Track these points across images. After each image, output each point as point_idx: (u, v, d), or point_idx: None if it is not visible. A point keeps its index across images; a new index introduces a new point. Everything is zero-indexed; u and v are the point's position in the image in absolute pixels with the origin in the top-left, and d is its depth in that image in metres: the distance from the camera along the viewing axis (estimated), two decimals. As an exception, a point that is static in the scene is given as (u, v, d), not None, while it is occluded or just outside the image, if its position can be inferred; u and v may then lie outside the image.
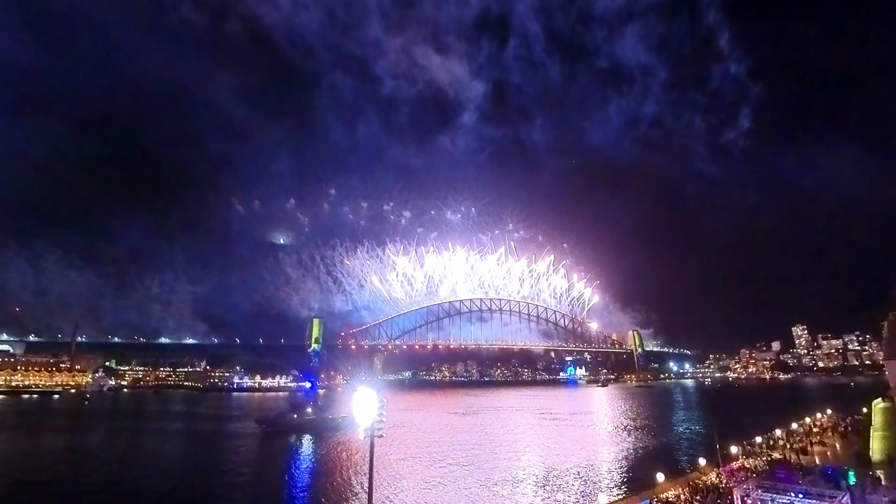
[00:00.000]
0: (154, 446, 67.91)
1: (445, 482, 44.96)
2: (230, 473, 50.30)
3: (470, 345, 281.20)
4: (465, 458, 55.89)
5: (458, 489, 42.66)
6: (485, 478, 46.05)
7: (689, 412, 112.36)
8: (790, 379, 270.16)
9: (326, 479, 46.99)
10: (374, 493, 24.39)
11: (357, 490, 42.26)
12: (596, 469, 49.45)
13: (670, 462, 50.46)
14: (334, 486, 44.06)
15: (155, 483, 46.56)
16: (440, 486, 43.57)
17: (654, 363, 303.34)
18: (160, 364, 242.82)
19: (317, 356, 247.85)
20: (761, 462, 40.34)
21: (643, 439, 70.13)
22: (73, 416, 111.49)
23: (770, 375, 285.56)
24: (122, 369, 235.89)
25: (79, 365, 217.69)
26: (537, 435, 74.77)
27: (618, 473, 47.78)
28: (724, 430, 51.27)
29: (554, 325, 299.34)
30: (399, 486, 43.21)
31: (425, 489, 42.63)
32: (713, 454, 41.09)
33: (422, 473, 48.32)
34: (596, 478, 46.03)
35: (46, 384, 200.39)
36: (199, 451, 64.81)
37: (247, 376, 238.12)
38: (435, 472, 48.80)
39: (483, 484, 43.95)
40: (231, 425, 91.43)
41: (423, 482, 44.92)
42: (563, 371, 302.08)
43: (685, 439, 70.53)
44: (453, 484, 44.34)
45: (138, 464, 55.36)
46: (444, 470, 49.91)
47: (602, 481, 44.84)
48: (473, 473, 48.02)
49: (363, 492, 40.22)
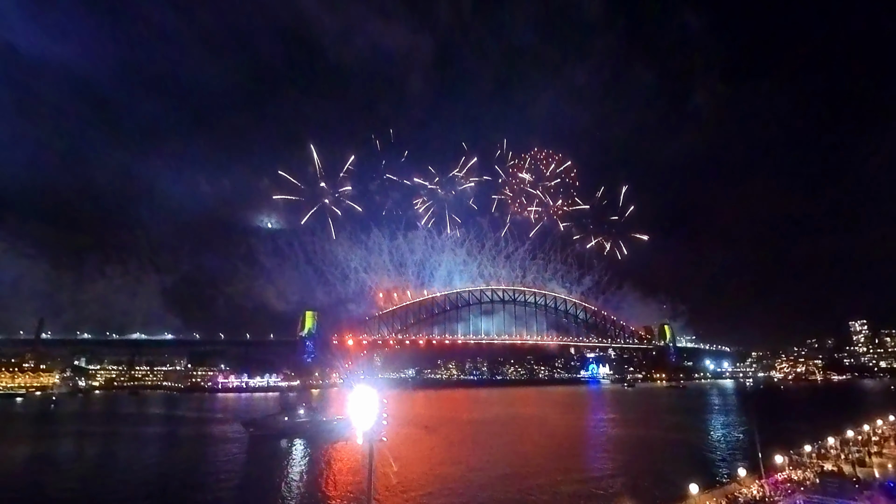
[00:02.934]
0: (129, 453, 68.96)
1: (453, 494, 45.32)
2: (213, 483, 51.06)
3: (480, 340, 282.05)
4: (475, 463, 56.36)
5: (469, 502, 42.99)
6: (497, 489, 46.35)
7: (727, 416, 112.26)
8: (846, 380, 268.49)
9: (320, 490, 47.56)
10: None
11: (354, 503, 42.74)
12: (621, 479, 49.59)
13: (705, 472, 50.40)
14: (329, 498, 44.61)
15: (129, 494, 47.33)
16: (447, 498, 43.96)
17: (687, 361, 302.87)
18: (136, 362, 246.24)
19: (311, 352, 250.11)
20: (811, 474, 40.06)
21: (674, 446, 70.14)
22: (38, 421, 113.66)
23: (822, 376, 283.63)
24: (92, 369, 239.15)
25: (44, 364, 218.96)
26: (555, 440, 75.29)
27: (645, 484, 47.84)
28: (768, 437, 51.06)
29: (574, 318, 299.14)
30: (403, 498, 43.65)
31: (430, 500, 43.02)
32: (755, 464, 40.95)
33: (426, 482, 48.77)
34: (621, 489, 46.15)
35: (7, 386, 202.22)
36: (179, 457, 65.93)
37: (233, 375, 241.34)
38: (441, 483, 49.19)
39: (496, 497, 44.24)
40: (215, 429, 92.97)
41: (428, 494, 45.34)
42: (584, 369, 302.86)
43: (722, 447, 70.45)
44: (462, 495, 44.70)
45: (111, 473, 56.33)
46: (452, 478, 50.31)
47: (628, 492, 44.94)
48: (485, 482, 48.35)
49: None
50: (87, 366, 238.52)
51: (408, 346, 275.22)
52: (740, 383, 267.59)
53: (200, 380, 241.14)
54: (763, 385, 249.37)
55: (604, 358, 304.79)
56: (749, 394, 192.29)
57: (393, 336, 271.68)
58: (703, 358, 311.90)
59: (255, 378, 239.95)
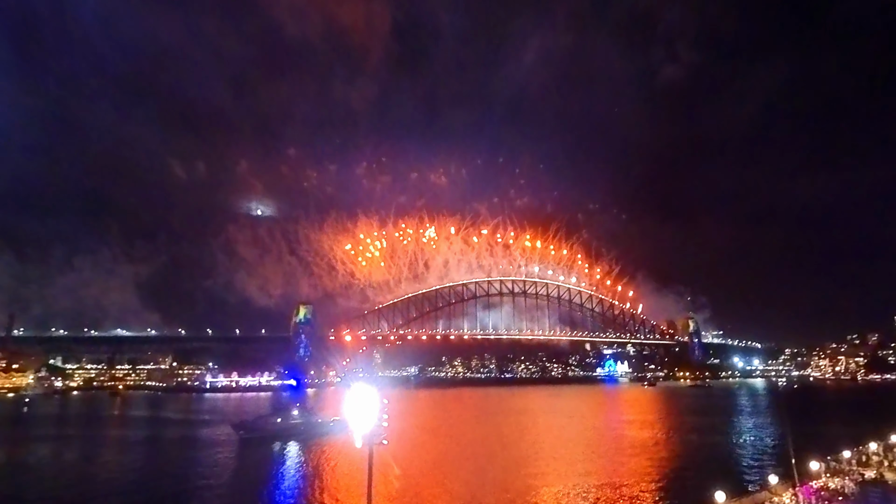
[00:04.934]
0: (110, 459, 69.78)
1: (461, 502, 45.63)
2: (199, 490, 51.55)
3: (488, 335, 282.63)
4: (484, 469, 56.70)
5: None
6: (510, 497, 46.59)
7: (758, 418, 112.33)
8: (891, 380, 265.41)
9: (315, 498, 48.03)
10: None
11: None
12: (641, 485, 49.77)
13: (732, 479, 50.33)
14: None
15: (110, 502, 47.93)
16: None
17: (713, 358, 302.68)
18: (117, 360, 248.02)
19: (305, 349, 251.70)
20: (850, 483, 39.97)
21: (699, 450, 70.25)
22: (10, 425, 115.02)
23: (864, 375, 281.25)
24: (69, 368, 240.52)
25: (16, 364, 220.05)
26: (570, 443, 75.67)
27: (667, 491, 48.02)
28: (803, 441, 50.84)
29: (590, 311, 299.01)
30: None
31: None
32: (787, 471, 40.81)
33: (431, 489, 49.09)
34: (641, 496, 46.34)
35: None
36: (164, 463, 66.69)
37: (221, 374, 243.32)
38: (447, 490, 49.51)
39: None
40: (202, 432, 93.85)
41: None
42: (600, 367, 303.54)
43: (752, 451, 70.46)
44: (471, 503, 44.99)
45: (91, 481, 56.89)
46: (459, 483, 50.60)
47: (649, 500, 45.15)
48: (495, 490, 48.61)
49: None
50: (63, 365, 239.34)
51: (410, 342, 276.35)
52: (772, 382, 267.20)
53: (186, 379, 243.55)
54: (798, 384, 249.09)
55: (622, 354, 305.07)
56: (782, 394, 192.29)
57: (394, 331, 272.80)
58: (730, 355, 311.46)
59: (245, 377, 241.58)
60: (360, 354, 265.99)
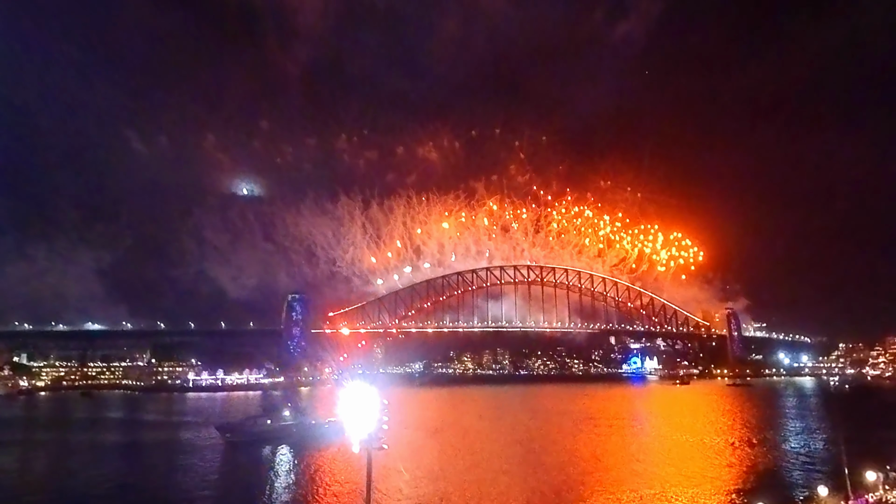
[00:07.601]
0: (82, 466, 70.48)
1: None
2: (182, 498, 52.25)
3: (501, 327, 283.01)
4: (495, 476, 56.97)
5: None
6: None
7: (805, 422, 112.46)
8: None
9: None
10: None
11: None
12: (675, 494, 49.84)
13: (776, 489, 50.49)
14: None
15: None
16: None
17: (755, 354, 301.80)
18: (89, 357, 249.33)
19: (298, 343, 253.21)
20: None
21: (739, 456, 70.35)
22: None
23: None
24: (36, 366, 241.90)
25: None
26: (591, 446, 75.90)
27: (705, 502, 48.10)
28: (857, 448, 50.79)
29: (614, 301, 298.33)
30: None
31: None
32: (839, 481, 40.72)
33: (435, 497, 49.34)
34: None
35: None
36: (143, 469, 67.84)
37: (205, 371, 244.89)
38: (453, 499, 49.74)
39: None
40: (185, 434, 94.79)
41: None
42: (626, 363, 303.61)
43: (798, 459, 70.51)
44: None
45: (62, 489, 57.81)
46: (467, 491, 50.81)
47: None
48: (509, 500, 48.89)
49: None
50: (28, 362, 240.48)
51: (414, 336, 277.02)
52: (823, 381, 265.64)
53: (167, 377, 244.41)
54: (853, 384, 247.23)
55: (651, 349, 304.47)
56: (834, 394, 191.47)
57: (395, 324, 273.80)
58: (775, 350, 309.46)
59: (231, 374, 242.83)
60: (359, 349, 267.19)
